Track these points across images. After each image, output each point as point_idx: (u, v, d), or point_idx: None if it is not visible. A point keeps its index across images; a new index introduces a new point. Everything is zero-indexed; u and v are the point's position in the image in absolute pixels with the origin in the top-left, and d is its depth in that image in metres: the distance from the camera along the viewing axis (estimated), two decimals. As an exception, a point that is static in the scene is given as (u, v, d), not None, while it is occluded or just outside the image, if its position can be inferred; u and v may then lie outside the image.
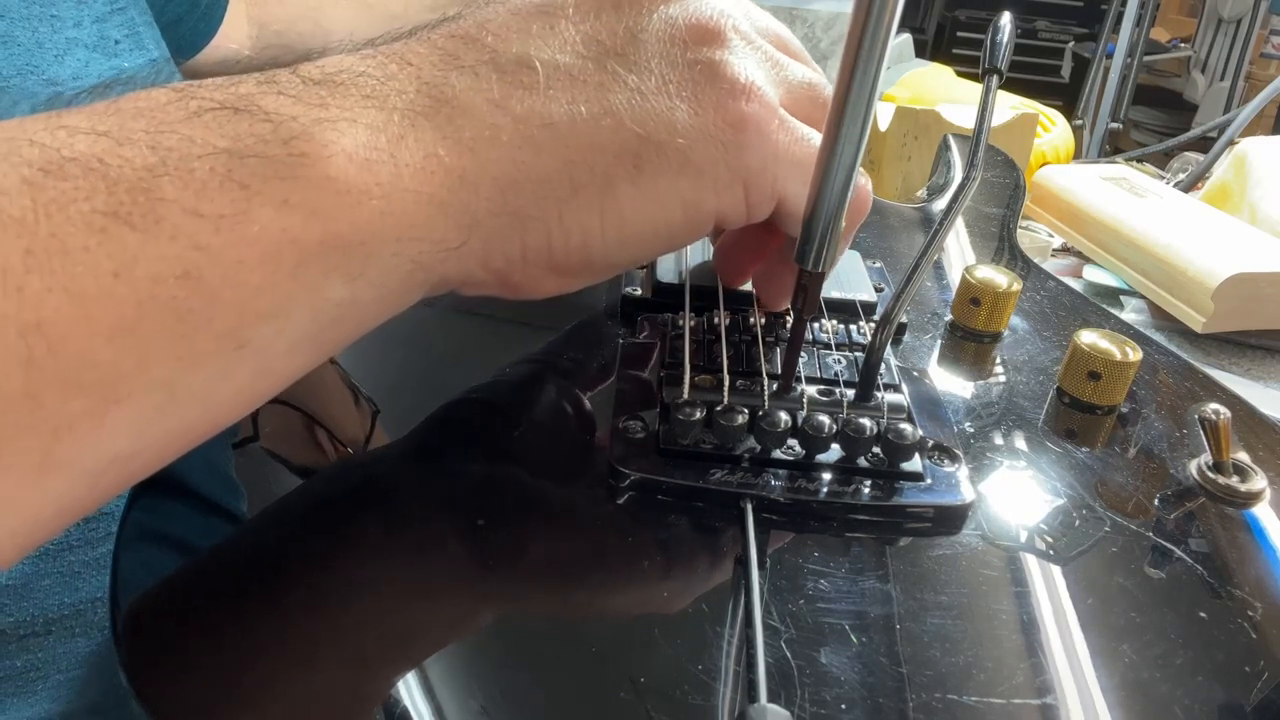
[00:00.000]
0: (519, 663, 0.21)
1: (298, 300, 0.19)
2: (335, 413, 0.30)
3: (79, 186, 0.17)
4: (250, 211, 0.18)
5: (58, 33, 0.34)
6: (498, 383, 0.31)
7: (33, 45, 0.33)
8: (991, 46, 0.35)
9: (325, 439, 0.29)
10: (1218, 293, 0.50)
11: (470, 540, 0.25)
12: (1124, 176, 0.65)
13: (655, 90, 0.23)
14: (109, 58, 0.36)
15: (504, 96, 0.22)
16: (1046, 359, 0.36)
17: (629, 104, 0.23)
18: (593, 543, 0.25)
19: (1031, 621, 0.23)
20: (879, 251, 0.43)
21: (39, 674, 0.32)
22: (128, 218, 0.17)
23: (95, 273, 0.16)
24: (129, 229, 0.17)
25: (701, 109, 0.24)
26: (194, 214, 0.17)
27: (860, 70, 0.22)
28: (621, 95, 0.23)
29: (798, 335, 0.28)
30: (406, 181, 0.20)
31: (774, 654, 0.21)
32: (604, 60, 0.23)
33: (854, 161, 0.23)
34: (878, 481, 0.26)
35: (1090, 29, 2.80)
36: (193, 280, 0.17)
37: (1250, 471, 0.29)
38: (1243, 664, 0.23)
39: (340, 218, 0.19)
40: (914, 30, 1.56)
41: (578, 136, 0.22)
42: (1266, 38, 2.53)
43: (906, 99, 0.88)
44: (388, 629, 0.22)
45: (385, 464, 0.27)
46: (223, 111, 0.19)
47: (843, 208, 0.24)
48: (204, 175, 0.18)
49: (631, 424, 0.28)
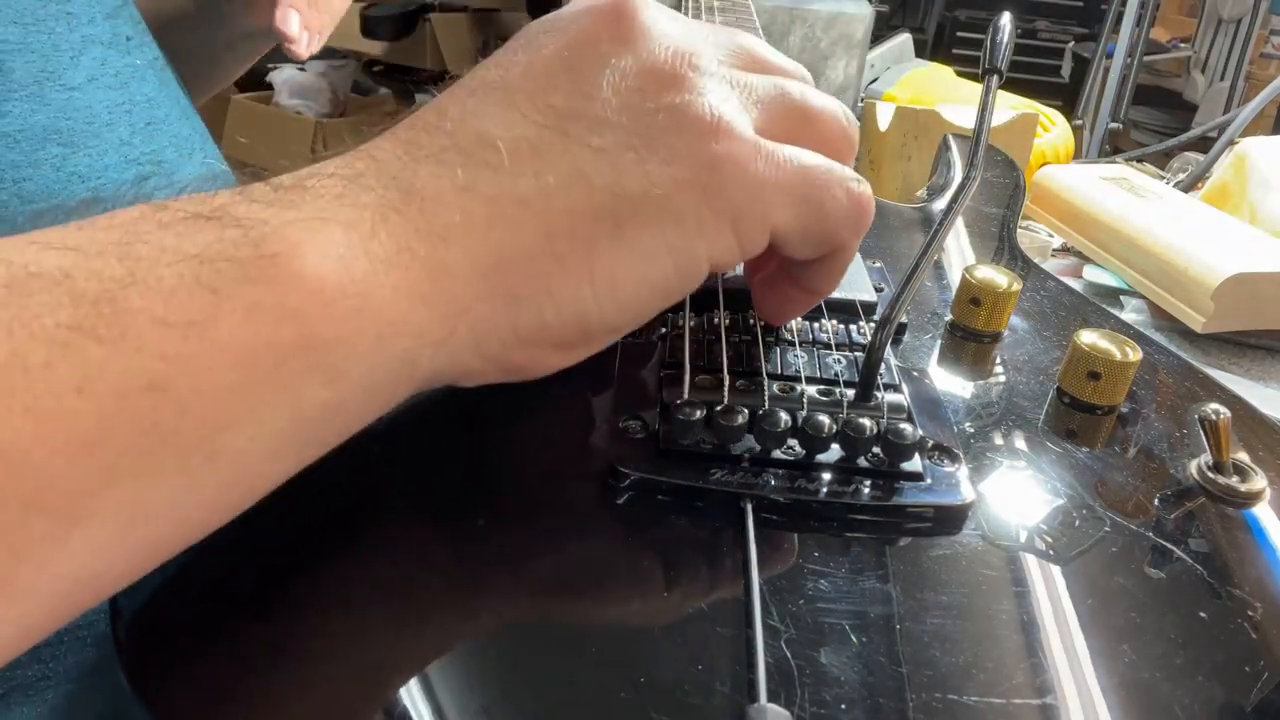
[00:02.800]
0: (519, 663, 0.21)
1: (274, 404, 0.19)
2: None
3: (43, 302, 0.16)
4: (219, 317, 0.18)
5: (73, 31, 0.34)
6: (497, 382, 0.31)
7: (49, 49, 0.33)
8: (991, 46, 0.35)
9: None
10: (1218, 293, 0.50)
11: (470, 540, 0.25)
12: (1124, 176, 0.65)
13: (620, 146, 0.23)
14: (122, 55, 0.36)
15: (470, 180, 0.22)
16: (1046, 359, 0.36)
17: (596, 165, 0.22)
18: (593, 543, 0.25)
19: (1031, 621, 0.23)
20: (879, 251, 0.43)
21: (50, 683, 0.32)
22: (92, 331, 0.16)
23: (56, 390, 0.16)
24: (94, 342, 0.16)
25: (673, 156, 0.23)
26: (161, 323, 0.17)
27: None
28: (587, 157, 0.23)
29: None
30: (382, 277, 0.20)
31: (774, 654, 0.21)
32: (563, 126, 0.23)
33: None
34: (878, 481, 0.26)
35: (1090, 29, 2.80)
36: (158, 391, 0.17)
37: (1250, 471, 0.29)
38: (1243, 664, 0.23)
39: (315, 317, 0.19)
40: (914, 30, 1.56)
41: (551, 207, 0.22)
42: (1266, 38, 2.53)
43: (906, 99, 0.89)
44: (388, 630, 0.22)
45: (384, 465, 0.27)
46: (195, 220, 0.19)
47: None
48: (172, 282, 0.18)
49: (631, 424, 0.28)
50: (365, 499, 0.26)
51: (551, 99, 0.23)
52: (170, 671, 0.21)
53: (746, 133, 0.24)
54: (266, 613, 0.22)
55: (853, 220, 0.26)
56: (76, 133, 0.33)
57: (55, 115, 0.32)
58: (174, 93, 0.40)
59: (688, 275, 0.24)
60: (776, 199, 0.24)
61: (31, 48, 0.32)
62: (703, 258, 0.24)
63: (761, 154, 0.24)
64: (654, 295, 0.24)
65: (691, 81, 0.24)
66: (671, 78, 0.24)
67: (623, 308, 0.24)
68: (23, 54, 0.32)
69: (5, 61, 0.31)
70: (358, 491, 0.26)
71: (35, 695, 0.32)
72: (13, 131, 0.31)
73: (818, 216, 0.25)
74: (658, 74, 0.24)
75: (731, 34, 0.27)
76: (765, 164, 0.24)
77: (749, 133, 0.24)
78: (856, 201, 0.26)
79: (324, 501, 0.25)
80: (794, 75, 0.27)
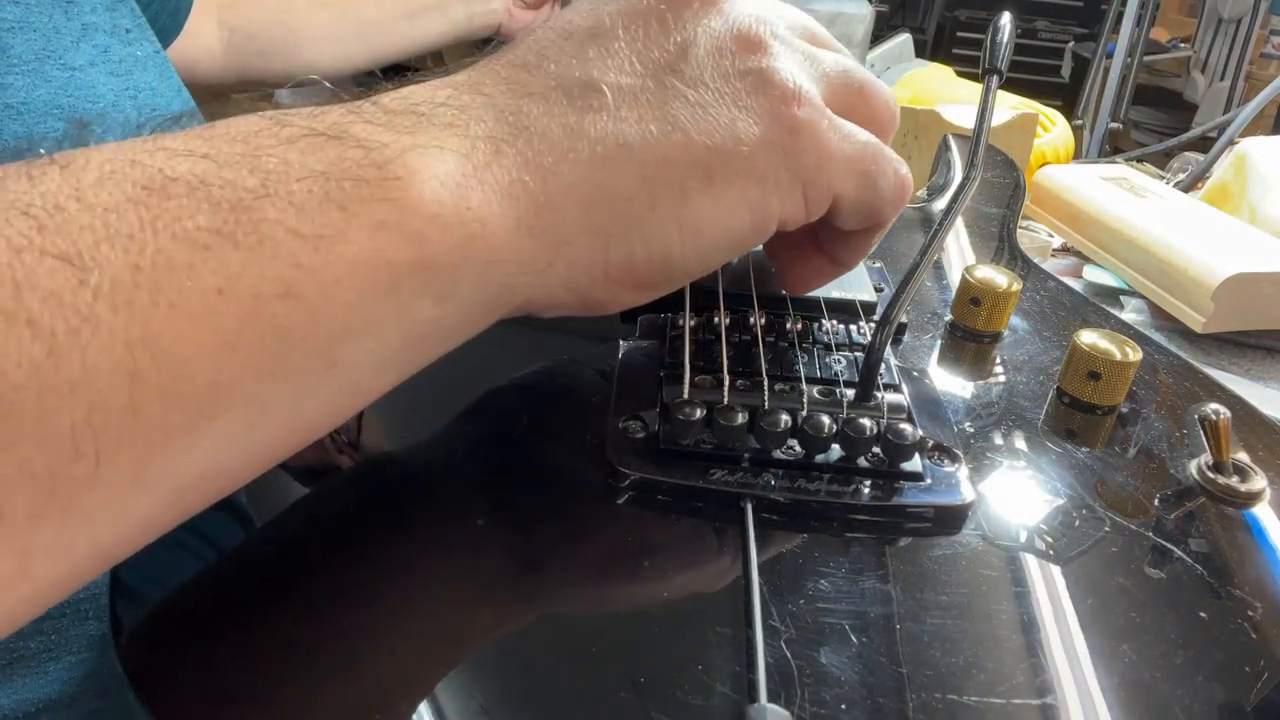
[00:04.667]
0: (520, 663, 0.21)
1: (389, 320, 0.20)
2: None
3: (183, 205, 0.17)
4: (348, 232, 0.19)
5: (73, 19, 0.35)
6: (497, 383, 0.31)
7: (49, 30, 0.33)
8: (991, 46, 0.35)
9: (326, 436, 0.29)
10: (1218, 293, 0.50)
11: (470, 542, 0.25)
12: (1124, 176, 0.65)
13: (714, 102, 0.24)
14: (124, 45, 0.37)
15: (577, 120, 0.23)
16: (1046, 359, 0.36)
17: (693, 118, 0.24)
18: (593, 543, 0.25)
19: (1031, 621, 0.23)
20: (879, 251, 0.43)
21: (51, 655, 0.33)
22: (231, 236, 0.17)
23: (201, 289, 0.17)
24: (233, 247, 0.17)
25: (759, 117, 0.24)
26: (294, 234, 0.18)
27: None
28: (685, 110, 0.24)
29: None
30: (495, 206, 0.21)
31: (774, 654, 0.21)
32: (661, 78, 0.24)
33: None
34: (878, 481, 0.26)
35: (1090, 29, 2.80)
36: (293, 298, 0.18)
37: (1250, 471, 0.29)
38: (1243, 664, 0.23)
39: (434, 240, 0.20)
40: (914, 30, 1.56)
41: (651, 153, 0.23)
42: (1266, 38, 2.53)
43: (906, 99, 0.88)
44: (387, 632, 0.22)
45: (384, 468, 0.27)
46: (316, 138, 0.20)
47: None
48: (303, 197, 0.19)
49: (631, 424, 0.28)
50: (364, 503, 0.26)
51: (650, 51, 0.25)
52: (169, 671, 0.21)
53: (820, 103, 0.26)
54: (266, 616, 0.22)
55: (898, 198, 0.28)
56: (80, 110, 0.34)
57: (56, 91, 0.33)
58: (175, 85, 0.41)
59: (760, 229, 0.26)
60: (841, 169, 0.26)
61: (33, 26, 0.33)
62: (775, 215, 0.25)
63: (833, 125, 0.26)
64: (730, 244, 0.25)
65: (773, 49, 0.26)
66: (758, 43, 0.25)
67: (701, 253, 0.25)
68: (23, 31, 0.32)
69: (3, 38, 0.32)
70: (357, 495, 0.26)
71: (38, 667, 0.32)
72: (15, 104, 0.32)
73: (873, 191, 0.27)
74: (744, 38, 0.25)
75: (794, 10, 0.29)
76: (835, 134, 0.26)
77: (821, 103, 0.26)
78: (904, 181, 0.28)
79: (324, 506, 0.26)
80: (844, 52, 0.29)
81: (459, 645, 0.22)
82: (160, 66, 0.40)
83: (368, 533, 0.25)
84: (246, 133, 0.19)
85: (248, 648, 0.21)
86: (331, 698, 0.21)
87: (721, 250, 0.25)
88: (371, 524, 0.25)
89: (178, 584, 0.23)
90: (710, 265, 0.26)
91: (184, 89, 0.41)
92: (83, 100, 0.34)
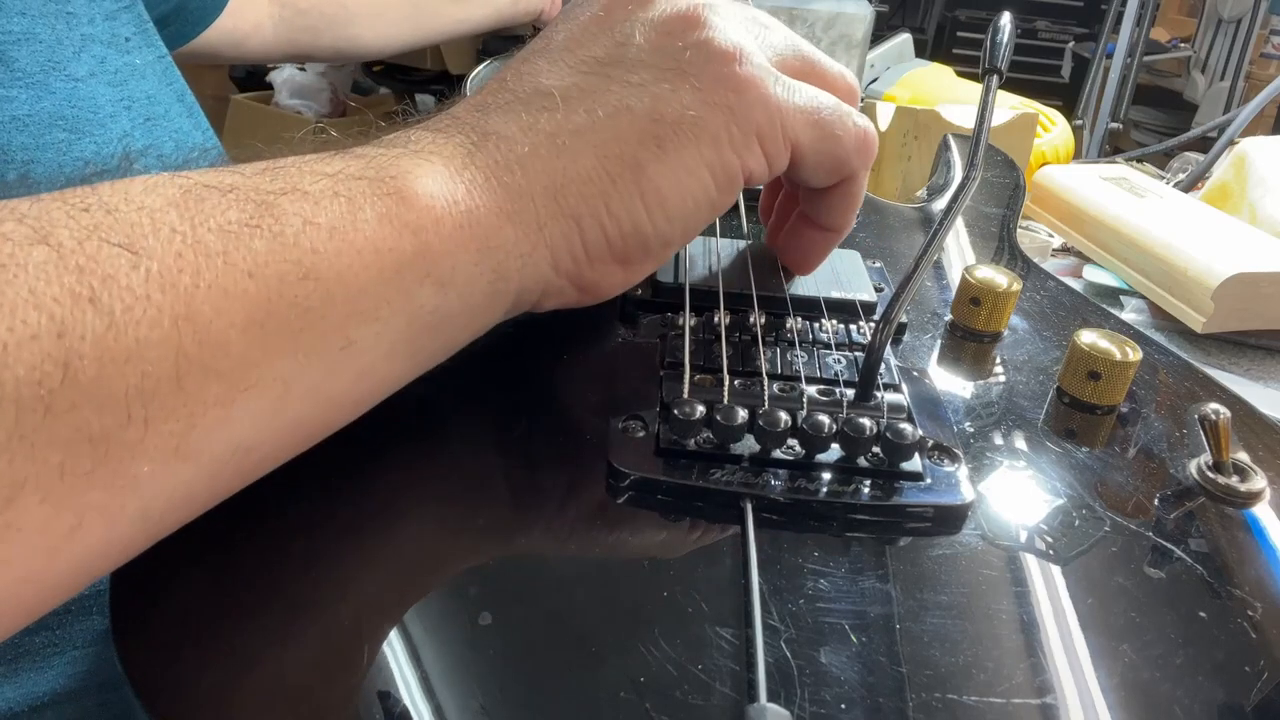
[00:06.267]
0: (519, 662, 0.21)
1: (395, 304, 0.22)
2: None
3: (217, 204, 0.20)
4: (357, 223, 0.22)
5: (73, 30, 0.35)
6: (497, 382, 0.31)
7: (52, 41, 0.34)
8: (991, 46, 0.35)
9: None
10: (1218, 293, 0.50)
11: (469, 540, 0.25)
12: (1124, 176, 0.65)
13: (655, 79, 0.26)
14: (121, 54, 0.38)
15: (533, 120, 0.26)
16: (1046, 359, 0.36)
17: (637, 96, 0.26)
18: (593, 543, 0.25)
19: (1031, 621, 0.23)
20: (879, 251, 0.43)
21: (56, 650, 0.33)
22: (257, 227, 0.20)
23: (233, 272, 0.19)
24: (259, 236, 0.20)
25: (703, 83, 0.26)
26: (310, 223, 0.21)
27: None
28: (628, 92, 0.26)
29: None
30: (477, 199, 0.24)
31: (774, 654, 0.21)
32: (605, 71, 0.27)
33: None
34: (877, 481, 0.26)
35: (1090, 29, 2.80)
36: (311, 280, 0.20)
37: (1250, 471, 0.29)
38: (1243, 664, 0.23)
39: (429, 230, 0.23)
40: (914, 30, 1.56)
41: (600, 135, 0.26)
42: (1266, 38, 2.53)
43: (906, 99, 0.88)
44: (387, 629, 0.22)
45: (380, 461, 0.27)
46: (326, 154, 0.23)
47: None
48: (316, 193, 0.22)
49: (631, 424, 0.28)
50: (360, 494, 0.26)
51: (592, 52, 0.28)
52: (162, 655, 0.21)
53: (765, 63, 0.28)
54: (263, 610, 0.22)
55: (862, 148, 0.30)
56: (81, 120, 0.34)
57: (60, 103, 0.35)
58: (178, 89, 0.41)
59: (725, 187, 0.27)
60: (795, 120, 0.28)
61: (38, 38, 0.34)
62: (737, 170, 0.27)
63: (780, 82, 0.28)
64: (699, 207, 0.27)
65: (711, 20, 0.28)
66: (695, 19, 0.28)
67: (672, 219, 0.27)
68: (28, 44, 0.34)
69: (9, 51, 0.33)
70: (354, 485, 0.26)
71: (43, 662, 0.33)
72: (21, 115, 0.33)
73: (831, 141, 0.29)
74: (682, 18, 0.28)
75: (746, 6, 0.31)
76: (783, 89, 0.28)
77: (767, 63, 0.28)
78: (864, 131, 0.30)
79: (322, 501, 0.26)
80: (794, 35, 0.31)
81: (459, 644, 0.22)
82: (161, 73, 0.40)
83: (362, 528, 0.25)
84: (266, 159, 0.23)
85: (243, 642, 0.21)
86: (331, 697, 0.21)
87: (692, 213, 0.27)
88: (370, 529, 0.25)
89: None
90: (689, 230, 0.28)
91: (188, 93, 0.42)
92: (84, 111, 0.35)
